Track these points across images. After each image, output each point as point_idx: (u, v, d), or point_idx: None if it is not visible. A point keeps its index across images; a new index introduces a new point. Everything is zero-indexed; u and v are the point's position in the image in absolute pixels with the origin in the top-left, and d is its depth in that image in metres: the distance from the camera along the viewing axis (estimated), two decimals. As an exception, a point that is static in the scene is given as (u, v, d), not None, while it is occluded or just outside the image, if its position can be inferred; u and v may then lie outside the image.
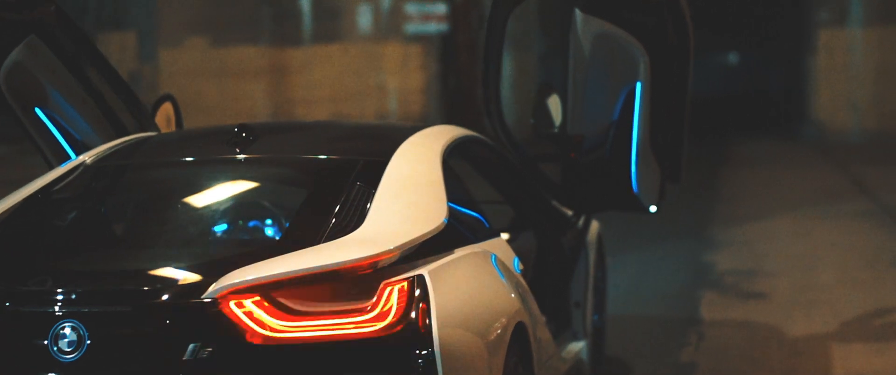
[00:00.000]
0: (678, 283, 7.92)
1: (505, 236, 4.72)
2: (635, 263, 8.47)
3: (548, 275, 5.04)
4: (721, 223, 10.67)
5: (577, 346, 5.11)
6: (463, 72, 19.59)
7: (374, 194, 3.61)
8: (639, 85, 4.95)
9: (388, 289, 3.19)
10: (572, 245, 5.23)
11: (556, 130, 5.12)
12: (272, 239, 4.12)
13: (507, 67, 19.01)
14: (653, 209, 5.33)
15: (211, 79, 18.53)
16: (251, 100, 18.61)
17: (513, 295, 3.72)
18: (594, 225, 5.54)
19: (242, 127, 4.07)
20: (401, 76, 19.22)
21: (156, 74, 18.57)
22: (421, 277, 3.25)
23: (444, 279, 3.36)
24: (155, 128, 4.91)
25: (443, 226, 3.47)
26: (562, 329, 5.00)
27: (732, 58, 32.75)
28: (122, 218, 4.16)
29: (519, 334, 3.67)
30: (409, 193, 3.65)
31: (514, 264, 4.11)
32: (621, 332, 6.33)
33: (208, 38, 18.80)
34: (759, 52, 30.59)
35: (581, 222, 5.32)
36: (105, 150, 4.19)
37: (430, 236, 3.41)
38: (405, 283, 3.21)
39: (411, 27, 19.31)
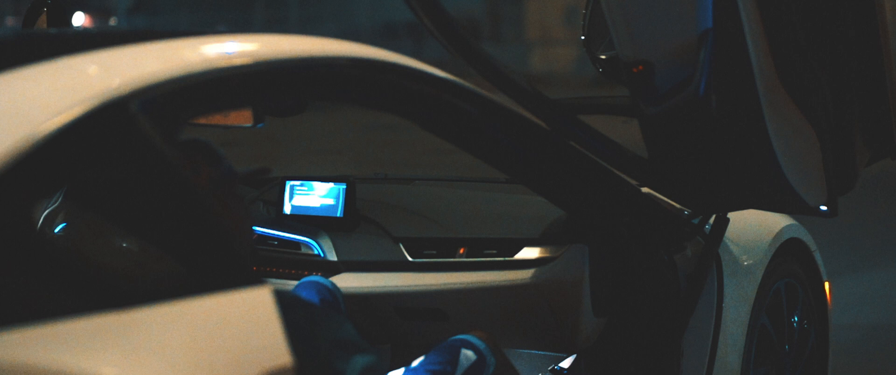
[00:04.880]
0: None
1: (530, 252, 3.01)
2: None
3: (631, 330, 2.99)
4: None
5: None
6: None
7: None
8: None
9: None
10: (692, 269, 3.08)
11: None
12: None
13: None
14: (823, 208, 2.91)
15: None
16: None
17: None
18: (768, 229, 3.35)
19: None
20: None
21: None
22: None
23: None
24: None
25: None
26: None
27: None
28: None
29: None
30: None
31: None
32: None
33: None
34: None
35: (706, 225, 3.14)
36: None
37: None
38: None
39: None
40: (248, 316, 1.85)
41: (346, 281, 3.20)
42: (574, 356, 3.21)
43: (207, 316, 1.81)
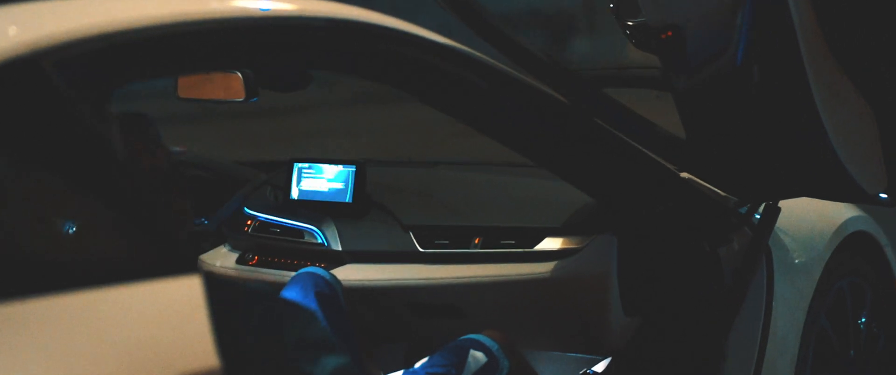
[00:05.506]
0: None
1: (551, 243, 2.73)
2: None
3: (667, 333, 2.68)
4: None
5: None
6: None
7: None
8: None
9: None
10: (738, 264, 2.74)
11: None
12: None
13: None
14: (883, 196, 2.53)
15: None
16: None
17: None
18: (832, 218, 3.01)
19: None
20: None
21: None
22: None
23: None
24: None
25: None
26: None
27: None
28: None
29: None
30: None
31: None
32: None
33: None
34: None
35: (754, 215, 2.80)
36: None
37: None
38: None
39: None
40: (168, 310, 1.57)
41: (351, 274, 2.91)
42: (608, 359, 2.90)
43: (119, 307, 1.53)
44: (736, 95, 2.35)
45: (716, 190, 2.74)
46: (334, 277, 2.74)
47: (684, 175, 2.69)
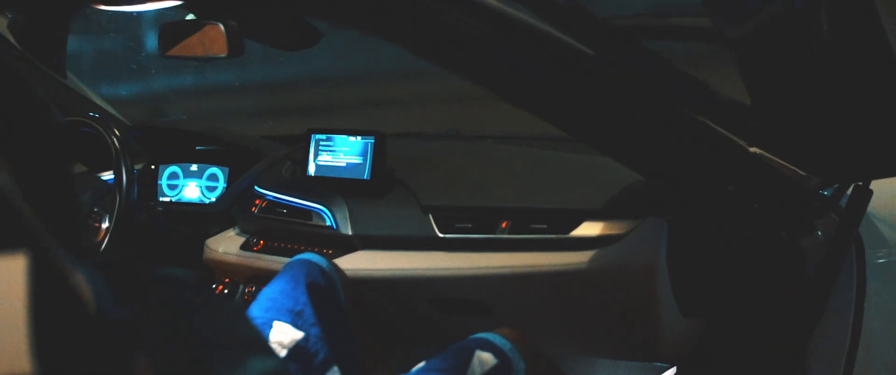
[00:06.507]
0: None
1: (590, 228, 2.29)
2: None
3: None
4: None
5: None
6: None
7: None
8: None
9: None
10: (825, 252, 2.28)
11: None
12: None
13: None
14: None
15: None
16: None
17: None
18: None
19: None
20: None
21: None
22: None
23: None
24: None
25: None
26: None
27: None
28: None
29: None
30: None
31: None
32: None
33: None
34: None
35: (842, 199, 2.33)
36: None
37: None
38: None
39: None
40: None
41: (361, 262, 2.51)
42: (673, 369, 2.47)
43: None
44: (800, 47, 1.88)
45: (794, 168, 2.26)
46: (333, 266, 2.34)
47: (754, 150, 2.22)
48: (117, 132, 2.71)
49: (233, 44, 2.29)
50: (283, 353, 2.15)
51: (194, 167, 3.16)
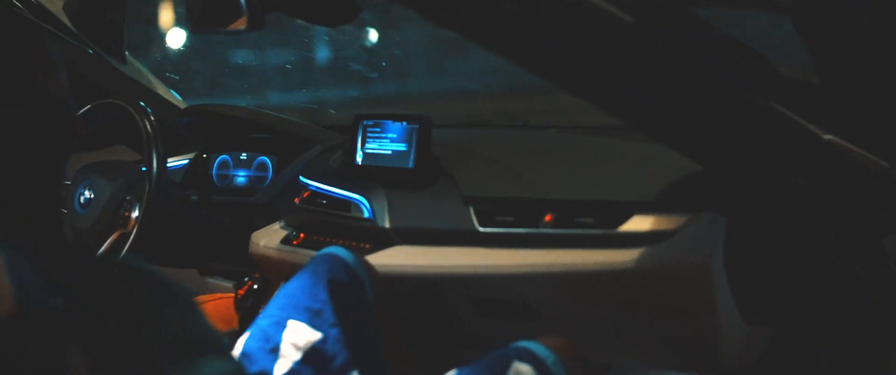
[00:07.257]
0: None
1: (640, 223, 2.08)
2: None
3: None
4: None
5: None
6: None
7: None
8: None
9: None
10: None
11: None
12: None
13: None
14: None
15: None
16: None
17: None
18: None
19: None
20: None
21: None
22: None
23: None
24: None
25: None
26: None
27: None
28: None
29: None
30: None
31: None
32: None
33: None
34: None
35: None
36: None
37: None
38: None
39: None
40: None
41: (397, 257, 2.33)
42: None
43: None
44: (880, 8, 1.64)
45: (874, 158, 2.01)
46: (361, 261, 2.16)
47: (828, 137, 1.97)
48: (152, 118, 2.57)
49: (253, 18, 2.14)
50: (296, 356, 1.97)
51: (244, 156, 3.02)
